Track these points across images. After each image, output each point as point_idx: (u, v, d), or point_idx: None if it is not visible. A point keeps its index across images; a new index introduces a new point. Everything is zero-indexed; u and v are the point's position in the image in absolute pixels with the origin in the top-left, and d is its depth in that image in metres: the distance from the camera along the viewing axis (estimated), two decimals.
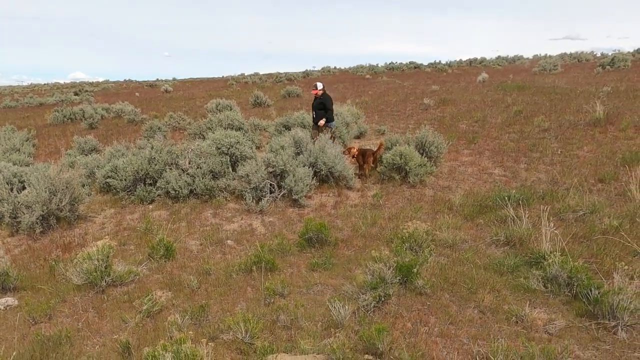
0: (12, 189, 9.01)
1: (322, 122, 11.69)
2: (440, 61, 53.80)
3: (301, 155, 10.12)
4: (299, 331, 5.08)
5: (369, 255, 6.31)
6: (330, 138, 10.97)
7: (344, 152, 10.82)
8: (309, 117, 13.88)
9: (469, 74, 34.65)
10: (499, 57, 56.66)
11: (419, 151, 10.49)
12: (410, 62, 53.35)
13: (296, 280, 6.33)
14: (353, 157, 10.93)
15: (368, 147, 11.52)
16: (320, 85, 12.10)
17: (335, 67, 58.14)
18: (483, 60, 52.95)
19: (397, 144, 10.90)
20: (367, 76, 40.83)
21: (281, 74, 52.43)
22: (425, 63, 52.89)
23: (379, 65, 53.68)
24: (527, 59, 53.59)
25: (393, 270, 5.76)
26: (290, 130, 12.27)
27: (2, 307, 6.06)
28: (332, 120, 12.10)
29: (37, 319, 5.66)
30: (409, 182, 9.96)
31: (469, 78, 30.97)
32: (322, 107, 11.82)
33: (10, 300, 6.19)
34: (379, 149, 10.71)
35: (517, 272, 6.09)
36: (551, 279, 5.64)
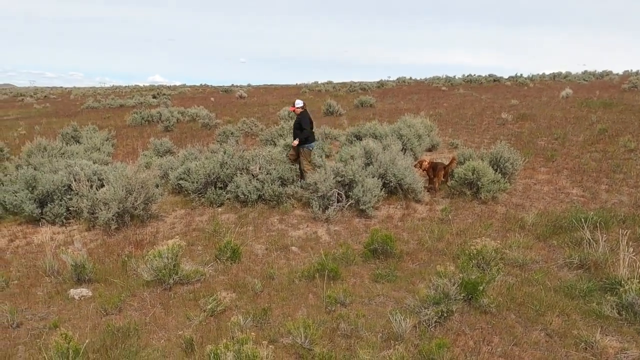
0: (91, 186, 9.59)
1: (295, 142, 10.70)
2: (521, 75, 52.31)
3: (371, 166, 10.20)
4: (359, 341, 5.15)
5: (433, 270, 6.30)
6: (307, 161, 10.74)
7: (414, 164, 10.81)
8: (381, 128, 13.93)
9: (551, 89, 33.56)
10: (585, 71, 54.56)
11: (492, 167, 10.33)
12: (490, 75, 52.26)
13: (358, 290, 6.41)
14: (424, 170, 10.89)
15: (439, 161, 11.46)
16: (299, 103, 11.09)
17: (410, 78, 57.71)
18: (568, 74, 51.18)
19: (470, 159, 10.78)
20: (443, 88, 40.35)
21: (355, 83, 52.62)
22: (506, 76, 51.68)
23: (456, 77, 52.92)
24: (617, 74, 51.23)
25: (458, 287, 5.73)
26: (361, 140, 12.37)
27: (77, 297, 6.49)
28: (313, 140, 11.03)
29: (109, 310, 6.03)
30: (480, 198, 9.82)
31: (551, 93, 30.03)
32: (299, 127, 10.96)
33: (84, 291, 6.62)
34: (451, 162, 10.62)
35: (589, 296, 5.92)
36: (626, 306, 5.45)
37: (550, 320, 5.42)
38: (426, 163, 10.88)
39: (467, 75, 53.85)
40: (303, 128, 10.67)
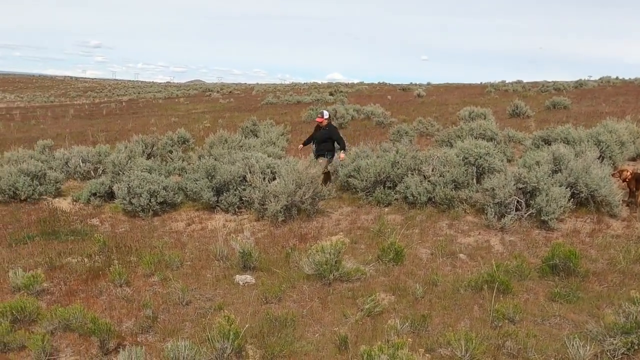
0: (264, 179, 10.20)
1: (342, 155, 11.51)
2: None
3: (559, 174, 9.55)
4: None
5: (625, 295, 5.76)
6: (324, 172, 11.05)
7: (613, 174, 9.91)
8: (575, 132, 12.95)
9: None
10: None
11: None
12: None
13: (531, 307, 6.05)
14: (624, 181, 9.92)
15: None
16: (326, 114, 11.86)
17: (617, 78, 52.82)
18: None
19: None
20: None
21: (549, 82, 49.60)
22: None
23: None
24: None
25: None
26: (550, 145, 11.65)
27: (241, 283, 6.95)
28: (345, 148, 11.87)
29: (269, 299, 6.38)
30: None
31: None
32: (328, 139, 11.59)
33: (249, 277, 7.07)
34: None
35: None
36: None
37: None
38: (628, 173, 9.89)
39: None
40: (337, 139, 11.57)
